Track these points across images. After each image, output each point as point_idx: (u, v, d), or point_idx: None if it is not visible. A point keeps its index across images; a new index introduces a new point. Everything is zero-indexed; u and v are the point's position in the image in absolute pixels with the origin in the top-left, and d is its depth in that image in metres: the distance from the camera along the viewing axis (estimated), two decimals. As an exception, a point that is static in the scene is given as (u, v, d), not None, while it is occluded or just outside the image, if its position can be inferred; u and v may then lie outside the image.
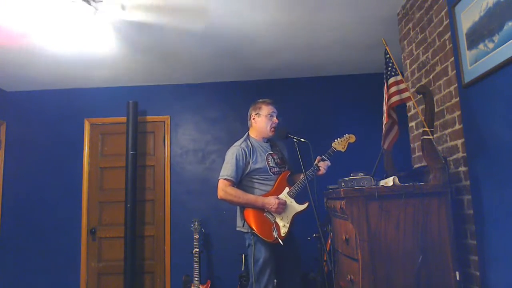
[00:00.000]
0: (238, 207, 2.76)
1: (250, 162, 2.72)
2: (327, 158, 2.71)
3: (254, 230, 2.60)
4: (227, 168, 2.70)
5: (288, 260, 2.72)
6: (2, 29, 2.98)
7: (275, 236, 2.56)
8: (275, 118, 2.85)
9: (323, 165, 2.69)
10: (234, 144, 2.82)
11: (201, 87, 4.54)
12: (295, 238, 2.76)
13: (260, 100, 2.91)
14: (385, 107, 2.32)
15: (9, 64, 3.72)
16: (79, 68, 3.91)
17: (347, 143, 2.71)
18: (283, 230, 2.61)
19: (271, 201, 2.61)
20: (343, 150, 2.70)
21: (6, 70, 3.89)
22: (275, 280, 2.62)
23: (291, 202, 2.68)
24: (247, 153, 2.73)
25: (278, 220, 2.63)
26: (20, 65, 3.75)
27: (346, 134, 2.73)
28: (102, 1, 2.62)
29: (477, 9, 1.93)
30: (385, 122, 2.35)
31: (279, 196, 2.67)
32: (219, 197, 2.69)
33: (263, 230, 2.60)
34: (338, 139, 2.72)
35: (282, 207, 2.63)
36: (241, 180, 2.76)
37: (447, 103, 2.34)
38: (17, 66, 3.79)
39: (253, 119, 2.88)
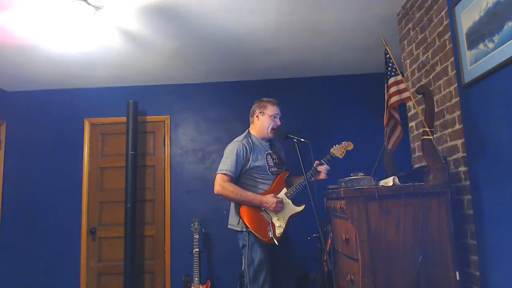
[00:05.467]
0: (233, 205, 2.72)
1: (250, 159, 2.68)
2: (326, 163, 2.71)
3: (249, 228, 2.56)
4: (227, 163, 2.65)
5: (283, 261, 2.70)
6: (2, 29, 2.97)
7: (271, 236, 2.54)
8: (278, 120, 2.82)
9: (322, 169, 2.69)
10: (235, 140, 2.78)
11: (201, 87, 4.54)
12: (290, 239, 2.75)
13: (266, 99, 2.86)
14: (386, 108, 2.32)
15: (9, 64, 3.72)
16: (79, 68, 3.91)
17: (345, 150, 2.72)
18: (279, 231, 2.60)
19: (269, 200, 2.59)
20: (341, 157, 2.71)
21: (6, 70, 3.89)
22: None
23: (288, 203, 2.67)
24: (248, 149, 2.70)
25: (274, 220, 2.62)
26: (20, 65, 3.75)
27: (344, 142, 2.73)
28: (100, 5, 2.62)
29: (477, 9, 1.93)
30: (384, 123, 2.35)
31: (277, 196, 2.66)
32: (215, 191, 2.63)
33: (259, 229, 2.56)
34: (336, 145, 2.72)
35: (280, 206, 2.61)
36: (239, 177, 2.72)
37: (447, 103, 2.34)
38: (17, 66, 3.79)
39: (257, 116, 2.84)
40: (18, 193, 4.35)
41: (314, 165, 2.69)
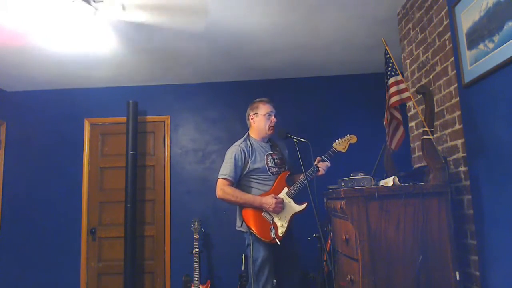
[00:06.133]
0: (237, 207, 2.76)
1: (249, 162, 2.72)
2: (327, 158, 2.71)
3: (252, 229, 2.60)
4: (226, 168, 2.71)
5: (286, 260, 2.72)
6: (2, 29, 2.97)
7: (273, 236, 2.56)
8: (273, 117, 2.85)
9: (322, 166, 2.69)
10: (234, 144, 2.83)
11: (201, 87, 4.54)
12: (294, 238, 2.76)
13: (257, 99, 2.92)
14: (386, 108, 2.31)
15: (9, 64, 3.72)
16: (79, 68, 3.91)
17: (348, 144, 2.70)
18: (281, 230, 2.61)
19: (269, 201, 2.61)
20: (343, 151, 2.70)
21: (6, 70, 3.89)
22: (274, 280, 2.62)
23: (289, 202, 2.68)
24: (246, 153, 2.73)
25: (276, 220, 2.63)
26: (20, 65, 3.75)
27: (347, 135, 2.72)
28: (102, 1, 2.61)
29: (477, 9, 1.93)
30: (385, 123, 2.35)
31: (277, 196, 2.66)
32: (217, 196, 2.71)
33: (261, 230, 2.59)
34: (339, 139, 2.72)
35: (280, 206, 2.62)
36: (240, 180, 2.76)
37: (447, 103, 2.34)
38: (17, 66, 3.79)
39: (251, 119, 2.88)
40: (18, 193, 4.35)
41: (316, 162, 2.69)
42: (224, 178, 2.69)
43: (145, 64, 3.92)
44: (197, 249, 3.86)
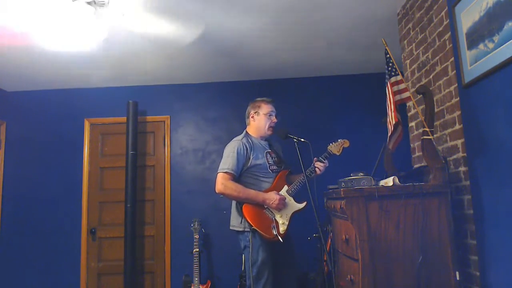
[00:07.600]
0: (234, 205, 2.72)
1: (251, 157, 2.68)
2: (323, 160, 2.71)
3: (253, 226, 2.53)
4: (228, 162, 2.64)
5: (284, 260, 2.69)
6: (2, 28, 2.97)
7: (275, 233, 2.53)
8: (274, 117, 2.84)
9: (319, 166, 2.69)
10: (234, 139, 2.78)
11: (201, 87, 4.54)
12: (291, 237, 2.75)
13: (259, 98, 2.89)
14: (391, 107, 2.29)
15: (9, 64, 3.72)
16: (79, 68, 3.91)
17: (341, 148, 2.72)
18: (282, 228, 2.59)
19: (272, 197, 2.59)
20: (338, 154, 2.71)
21: (6, 70, 3.89)
22: None
23: (290, 200, 2.67)
24: (248, 148, 2.70)
25: (277, 217, 2.61)
26: (20, 65, 3.75)
27: (340, 139, 2.74)
28: (103, 2, 2.62)
29: (477, 9, 1.93)
30: (394, 122, 2.32)
31: (279, 193, 2.65)
32: (217, 190, 2.62)
33: (262, 227, 2.54)
34: (333, 143, 2.73)
35: (283, 203, 2.61)
36: (240, 176, 2.71)
37: (447, 103, 2.34)
38: (17, 66, 3.79)
39: (252, 117, 2.86)
40: (18, 193, 4.35)
41: (313, 162, 2.69)
42: (225, 172, 2.61)
43: (145, 64, 3.92)
44: (197, 249, 3.86)
